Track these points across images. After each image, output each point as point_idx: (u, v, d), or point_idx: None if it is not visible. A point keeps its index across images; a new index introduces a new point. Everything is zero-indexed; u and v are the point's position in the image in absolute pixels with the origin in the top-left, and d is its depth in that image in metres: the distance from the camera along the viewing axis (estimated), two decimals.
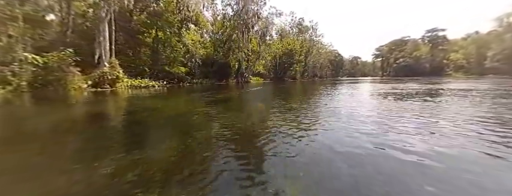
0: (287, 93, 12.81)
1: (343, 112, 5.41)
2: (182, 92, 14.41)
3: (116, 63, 15.81)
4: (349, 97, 9.18)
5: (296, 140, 3.03)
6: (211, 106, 7.13)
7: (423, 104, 6.50)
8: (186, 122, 4.70)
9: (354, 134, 3.34)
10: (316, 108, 6.17)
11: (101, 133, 3.88)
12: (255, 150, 2.75)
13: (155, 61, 25.17)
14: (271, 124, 4.06)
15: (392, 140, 2.99)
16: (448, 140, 2.97)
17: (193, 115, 5.48)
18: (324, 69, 77.38)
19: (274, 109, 6.17)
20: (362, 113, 5.20)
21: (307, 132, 3.50)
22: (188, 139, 3.21)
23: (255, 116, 5.32)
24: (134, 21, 24.84)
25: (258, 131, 3.71)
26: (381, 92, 10.81)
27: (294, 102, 7.57)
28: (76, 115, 6.10)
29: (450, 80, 25.26)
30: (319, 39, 55.66)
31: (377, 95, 9.38)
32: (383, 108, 5.95)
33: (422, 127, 3.71)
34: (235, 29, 31.04)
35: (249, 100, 9.75)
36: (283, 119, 4.54)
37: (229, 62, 31.97)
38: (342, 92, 11.73)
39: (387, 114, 5.01)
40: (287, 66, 44.02)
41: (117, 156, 2.53)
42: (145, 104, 7.80)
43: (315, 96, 9.93)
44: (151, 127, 4.29)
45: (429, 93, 10.02)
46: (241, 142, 3.11)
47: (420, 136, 3.17)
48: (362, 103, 7.15)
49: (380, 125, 3.92)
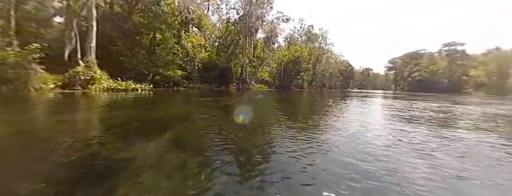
0: (286, 106, 10.48)
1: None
2: (164, 98, 12.35)
3: (93, 62, 14.06)
4: (362, 127, 6.78)
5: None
6: (173, 122, 4.96)
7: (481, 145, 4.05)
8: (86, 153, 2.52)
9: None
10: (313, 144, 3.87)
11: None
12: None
13: (151, 63, 23.54)
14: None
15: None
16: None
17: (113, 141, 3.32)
18: (333, 79, 74.44)
19: (257, 131, 3.95)
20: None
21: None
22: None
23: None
24: (133, 21, 23.45)
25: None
26: (405, 116, 8.30)
27: (287, 123, 5.26)
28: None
29: (474, 100, 22.16)
30: (329, 48, 53.26)
31: (401, 123, 6.92)
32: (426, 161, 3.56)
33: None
34: (239, 33, 29.23)
35: (235, 114, 7.49)
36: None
37: (230, 67, 30.02)
38: (352, 114, 9.29)
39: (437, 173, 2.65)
40: (294, 74, 41.66)
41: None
42: (80, 116, 5.71)
43: (319, 116, 7.57)
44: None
45: (471, 118, 7.46)
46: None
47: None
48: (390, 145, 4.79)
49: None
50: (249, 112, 7.34)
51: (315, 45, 48.05)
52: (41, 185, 1.89)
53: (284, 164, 2.56)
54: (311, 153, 3.00)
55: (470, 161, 2.95)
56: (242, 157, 2.82)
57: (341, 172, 2.34)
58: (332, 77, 71.18)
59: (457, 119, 7.38)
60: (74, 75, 12.92)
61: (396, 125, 5.45)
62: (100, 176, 2.09)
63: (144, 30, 23.61)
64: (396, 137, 4.20)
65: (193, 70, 27.85)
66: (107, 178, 2.03)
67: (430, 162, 2.83)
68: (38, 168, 2.32)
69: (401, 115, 7.55)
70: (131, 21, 23.26)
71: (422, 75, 79.40)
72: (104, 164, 2.41)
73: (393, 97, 24.51)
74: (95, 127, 4.69)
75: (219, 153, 2.92)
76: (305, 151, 3.09)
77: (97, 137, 3.54)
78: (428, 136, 4.36)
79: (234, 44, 31.49)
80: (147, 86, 17.72)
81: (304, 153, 2.98)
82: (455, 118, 7.46)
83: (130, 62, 22.06)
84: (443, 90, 66.13)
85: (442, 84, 73.04)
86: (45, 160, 2.54)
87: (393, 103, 13.27)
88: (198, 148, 3.12)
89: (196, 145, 3.31)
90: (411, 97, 23.43)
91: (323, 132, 4.50)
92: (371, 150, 3.23)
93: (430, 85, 72.24)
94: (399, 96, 26.45)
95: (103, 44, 22.15)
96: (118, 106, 7.95)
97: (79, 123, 4.93)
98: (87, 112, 6.78)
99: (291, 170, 2.39)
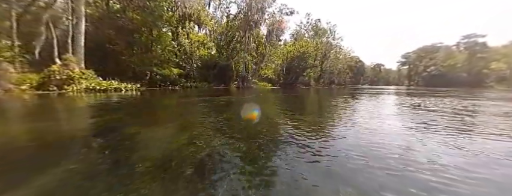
0: (286, 106, 8.88)
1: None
2: (141, 101, 11.03)
3: (72, 60, 12.94)
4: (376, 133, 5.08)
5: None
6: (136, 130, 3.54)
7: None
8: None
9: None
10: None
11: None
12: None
13: (145, 62, 22.47)
14: None
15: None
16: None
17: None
18: (342, 75, 71.50)
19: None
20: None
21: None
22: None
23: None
24: (129, 18, 22.41)
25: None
26: (452, 122, 6.46)
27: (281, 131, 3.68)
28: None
29: (499, 95, 19.52)
30: (337, 43, 50.64)
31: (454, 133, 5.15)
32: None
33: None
34: (239, 28, 27.67)
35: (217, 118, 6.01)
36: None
37: (231, 65, 28.55)
38: (362, 113, 7.58)
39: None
40: (299, 71, 39.58)
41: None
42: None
43: (323, 118, 5.94)
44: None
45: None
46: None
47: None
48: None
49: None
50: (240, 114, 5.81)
51: (322, 41, 45.68)
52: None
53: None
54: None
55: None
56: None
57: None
58: (340, 74, 68.30)
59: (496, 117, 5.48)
60: (49, 75, 11.82)
61: (451, 141, 3.67)
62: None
63: (141, 28, 22.52)
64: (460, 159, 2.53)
65: (191, 68, 26.60)
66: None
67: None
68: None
69: (444, 122, 5.15)
70: (128, 18, 22.24)
71: (439, 69, 75.02)
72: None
73: (408, 93, 22.23)
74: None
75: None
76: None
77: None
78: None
79: (235, 40, 30.00)
80: (134, 86, 16.50)
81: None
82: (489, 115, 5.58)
83: (127, 61, 21.11)
84: (461, 84, 61.97)
85: (460, 78, 68.60)
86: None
87: (417, 101, 11.18)
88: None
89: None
90: (432, 92, 21.10)
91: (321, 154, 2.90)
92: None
93: (448, 79, 68.02)
94: (413, 92, 24.08)
95: (100, 42, 21.46)
96: (55, 113, 6.64)
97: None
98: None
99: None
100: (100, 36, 21.58)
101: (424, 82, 77.57)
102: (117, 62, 21.57)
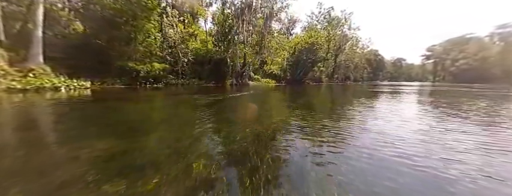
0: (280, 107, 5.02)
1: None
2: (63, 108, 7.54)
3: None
4: None
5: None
6: None
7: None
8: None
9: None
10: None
11: None
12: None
13: (122, 56, 19.29)
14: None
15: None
16: None
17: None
18: (359, 71, 65.23)
19: None
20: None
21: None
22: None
23: None
24: (111, 9, 19.22)
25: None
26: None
27: None
28: None
29: None
30: (353, 34, 45.07)
31: None
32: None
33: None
34: (234, 17, 23.72)
35: None
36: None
37: (225, 59, 24.75)
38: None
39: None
40: (309, 65, 34.86)
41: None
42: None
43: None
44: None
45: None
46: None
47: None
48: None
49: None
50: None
51: (336, 31, 40.52)
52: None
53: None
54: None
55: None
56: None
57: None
58: (357, 69, 62.15)
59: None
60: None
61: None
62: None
63: (121, 19, 19.29)
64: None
65: (179, 63, 23.09)
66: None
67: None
68: None
69: None
70: (109, 9, 19.09)
71: (469, 63, 66.82)
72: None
73: (438, 92, 17.44)
74: None
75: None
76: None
77: None
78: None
79: (232, 31, 26.08)
80: (81, 84, 13.23)
81: None
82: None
83: (108, 56, 18.14)
84: (495, 80, 54.23)
85: (494, 73, 60.38)
86: None
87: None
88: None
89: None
90: (477, 91, 16.09)
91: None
92: None
93: (480, 74, 60.08)
94: (445, 90, 19.10)
95: (82, 37, 18.97)
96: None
97: None
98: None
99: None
100: (83, 31, 18.97)
101: (452, 77, 69.70)
102: (99, 58, 18.60)
